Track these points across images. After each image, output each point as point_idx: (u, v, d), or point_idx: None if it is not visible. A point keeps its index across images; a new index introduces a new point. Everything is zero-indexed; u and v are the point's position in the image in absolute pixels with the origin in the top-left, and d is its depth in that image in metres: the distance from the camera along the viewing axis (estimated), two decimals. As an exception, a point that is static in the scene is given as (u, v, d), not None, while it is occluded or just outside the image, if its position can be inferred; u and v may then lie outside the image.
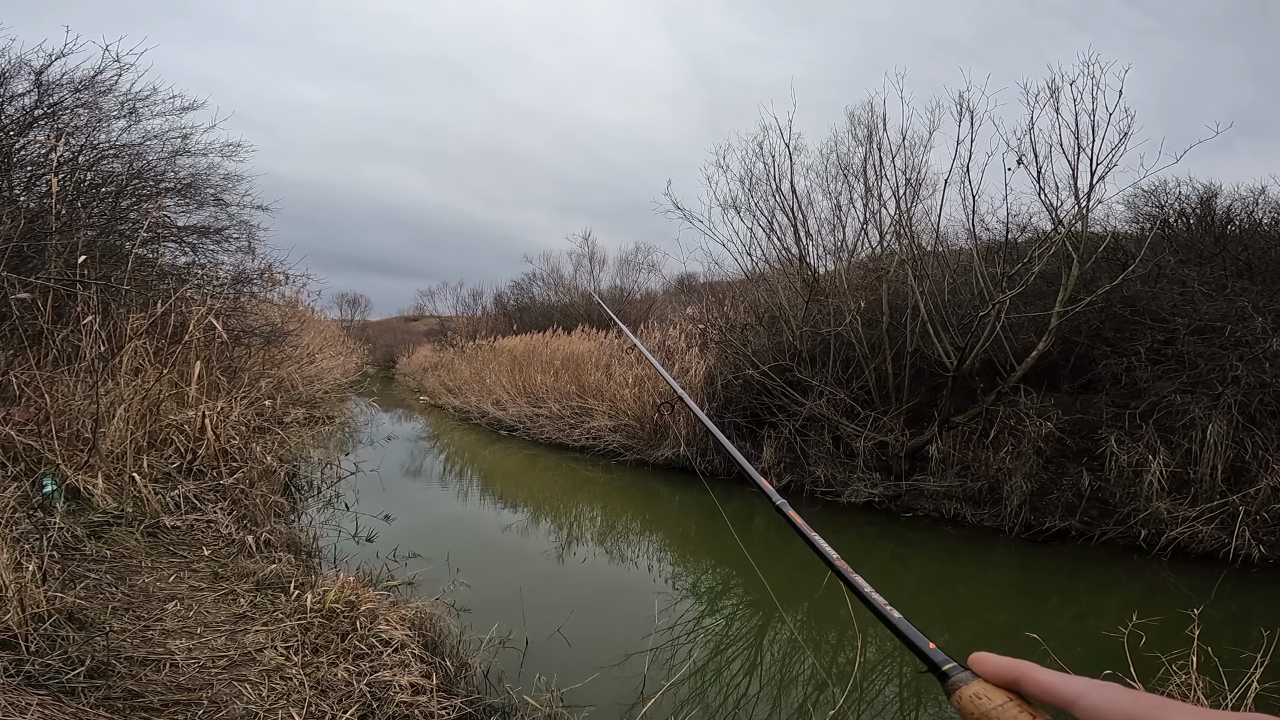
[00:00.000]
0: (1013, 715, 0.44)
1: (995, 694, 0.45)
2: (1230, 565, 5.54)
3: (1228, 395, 6.00)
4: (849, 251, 8.96)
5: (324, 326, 15.07)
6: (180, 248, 7.43)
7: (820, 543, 0.83)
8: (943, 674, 0.52)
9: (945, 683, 0.50)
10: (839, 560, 0.78)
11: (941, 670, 0.52)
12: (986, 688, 0.46)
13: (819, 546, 0.82)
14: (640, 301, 19.84)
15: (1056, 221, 6.79)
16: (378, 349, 26.76)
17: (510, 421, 12.72)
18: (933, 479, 7.37)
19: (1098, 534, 6.32)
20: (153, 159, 7.11)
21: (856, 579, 0.73)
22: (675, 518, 8.06)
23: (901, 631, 0.62)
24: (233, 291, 7.63)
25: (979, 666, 0.47)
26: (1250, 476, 5.85)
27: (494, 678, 3.12)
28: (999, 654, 0.48)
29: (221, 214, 7.82)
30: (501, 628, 3.47)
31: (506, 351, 15.09)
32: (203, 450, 4.70)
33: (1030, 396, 7.10)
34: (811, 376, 8.28)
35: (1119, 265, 6.89)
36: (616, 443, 10.32)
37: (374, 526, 5.85)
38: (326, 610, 2.73)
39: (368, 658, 2.46)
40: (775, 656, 4.24)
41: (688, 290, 15.32)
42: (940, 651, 0.55)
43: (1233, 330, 6.16)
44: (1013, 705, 0.44)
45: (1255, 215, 7.40)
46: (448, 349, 19.84)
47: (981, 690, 0.46)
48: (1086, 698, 0.38)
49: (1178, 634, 2.74)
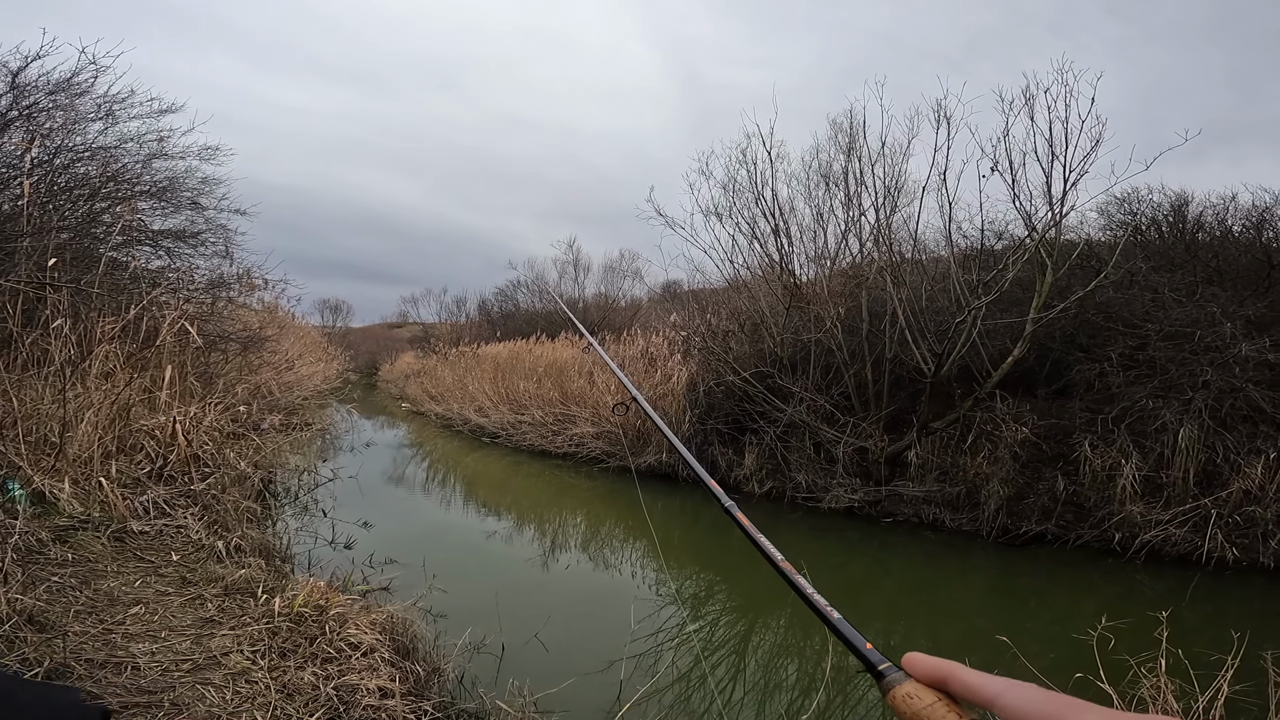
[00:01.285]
0: (941, 714, 0.44)
1: (925, 694, 0.46)
2: (1204, 568, 5.63)
3: (1198, 400, 6.11)
4: (829, 259, 9.05)
5: (304, 332, 14.90)
6: (155, 251, 7.33)
7: (766, 544, 0.85)
8: (878, 673, 0.53)
9: (881, 682, 0.51)
10: (783, 562, 0.80)
11: (877, 670, 0.53)
12: (918, 687, 0.47)
13: (764, 548, 0.85)
14: (625, 309, 19.87)
15: (1031, 228, 6.90)
16: (360, 356, 26.50)
17: (493, 428, 12.65)
18: (912, 484, 7.43)
19: (1073, 537, 6.40)
20: (128, 161, 7.03)
21: (799, 580, 0.75)
22: (658, 524, 8.04)
23: (840, 631, 0.63)
24: (209, 296, 7.53)
25: (911, 666, 0.48)
26: (1221, 480, 5.96)
27: (468, 682, 3.08)
28: (936, 655, 0.48)
29: (198, 217, 7.73)
30: (476, 633, 3.43)
31: (490, 358, 15.03)
32: (174, 456, 4.62)
33: (1006, 402, 7.20)
34: (792, 383, 8.32)
35: (1092, 272, 7.02)
36: (599, 449, 10.29)
37: (352, 533, 5.77)
38: (295, 614, 2.69)
39: (335, 661, 2.42)
40: (760, 662, 4.24)
41: (672, 297, 15.36)
42: (876, 652, 0.56)
43: (1203, 336, 6.29)
44: (941, 705, 0.45)
45: (1226, 223, 7.57)
46: (431, 356, 19.72)
47: (913, 690, 0.47)
48: (1004, 697, 0.40)
49: (1150, 636, 2.77)
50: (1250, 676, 2.59)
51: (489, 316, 23.66)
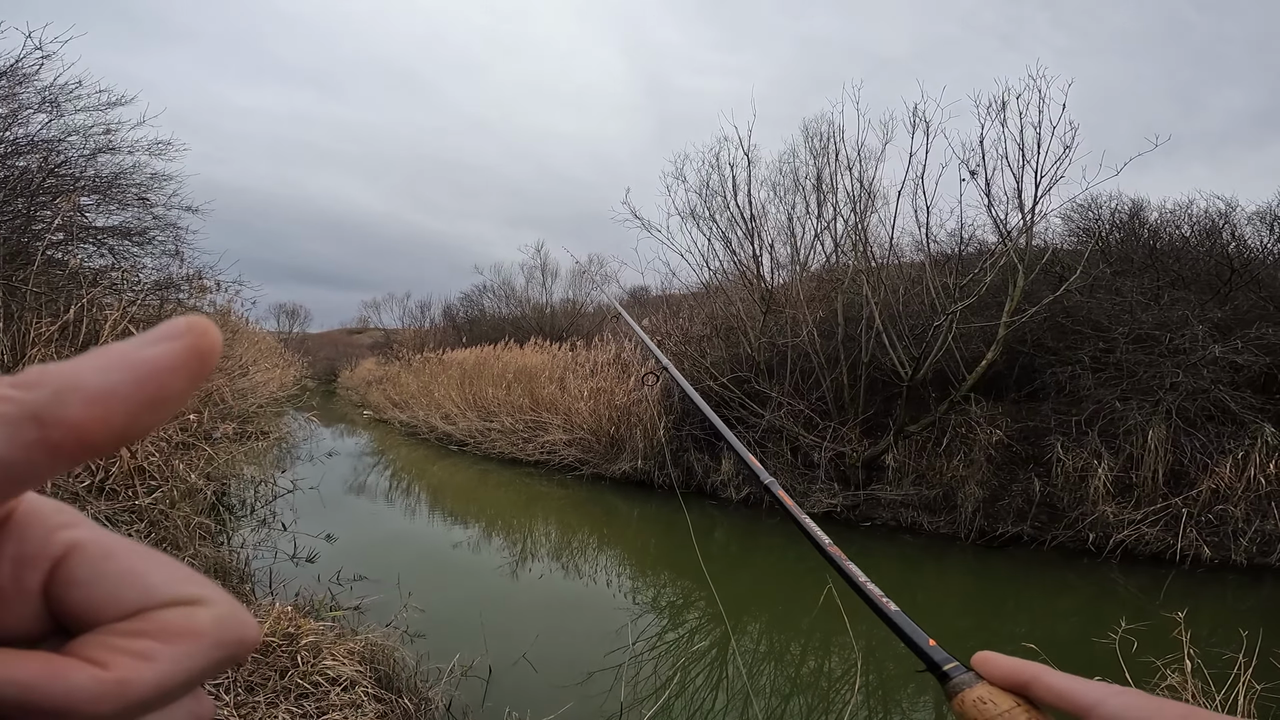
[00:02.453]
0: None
1: (1002, 698, 0.41)
2: (1179, 566, 5.73)
3: (1167, 401, 6.25)
4: (801, 264, 9.04)
5: (259, 338, 14.26)
6: (98, 249, 6.84)
7: (811, 525, 0.75)
8: (943, 674, 0.47)
9: (946, 684, 0.46)
10: (831, 546, 0.71)
11: (942, 670, 0.47)
12: (993, 691, 0.42)
13: (810, 530, 0.75)
14: (593, 315, 19.65)
15: (1005, 235, 6.99)
16: (318, 362, 25.60)
17: (460, 436, 12.29)
18: (889, 488, 7.42)
19: (1049, 538, 6.46)
20: (72, 155, 6.56)
21: (850, 567, 0.67)
22: (634, 532, 7.86)
23: (899, 626, 0.57)
24: (156, 298, 7.06)
25: (983, 667, 0.43)
26: (1190, 479, 6.09)
27: (457, 711, 2.85)
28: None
29: (145, 214, 7.26)
30: (462, 657, 3.20)
31: (456, 364, 14.64)
32: (116, 468, 4.25)
33: (980, 405, 7.26)
34: (770, 388, 8.26)
35: (1057, 277, 7.14)
36: (572, 457, 10.06)
37: (315, 547, 5.44)
38: (261, 644, 2.43)
39: (312, 697, 2.17)
40: (738, 669, 4.12)
41: (641, 303, 15.23)
42: (941, 649, 0.50)
43: (1171, 339, 6.44)
44: (1021, 711, 0.40)
45: (1181, 230, 7.82)
46: (393, 362, 19.16)
47: (987, 694, 0.42)
48: (1105, 705, 0.35)
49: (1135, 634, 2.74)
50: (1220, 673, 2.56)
51: (454, 322, 23.12)
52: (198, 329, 0.19)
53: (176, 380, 0.19)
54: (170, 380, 0.18)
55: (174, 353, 0.19)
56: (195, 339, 0.19)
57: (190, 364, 0.19)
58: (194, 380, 0.19)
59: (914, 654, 0.53)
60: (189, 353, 0.19)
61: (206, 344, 0.19)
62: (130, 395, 0.18)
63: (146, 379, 0.18)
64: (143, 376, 0.18)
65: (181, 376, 0.19)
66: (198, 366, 0.19)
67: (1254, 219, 7.70)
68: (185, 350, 0.19)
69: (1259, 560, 5.64)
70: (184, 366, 0.19)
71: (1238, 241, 7.69)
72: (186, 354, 0.19)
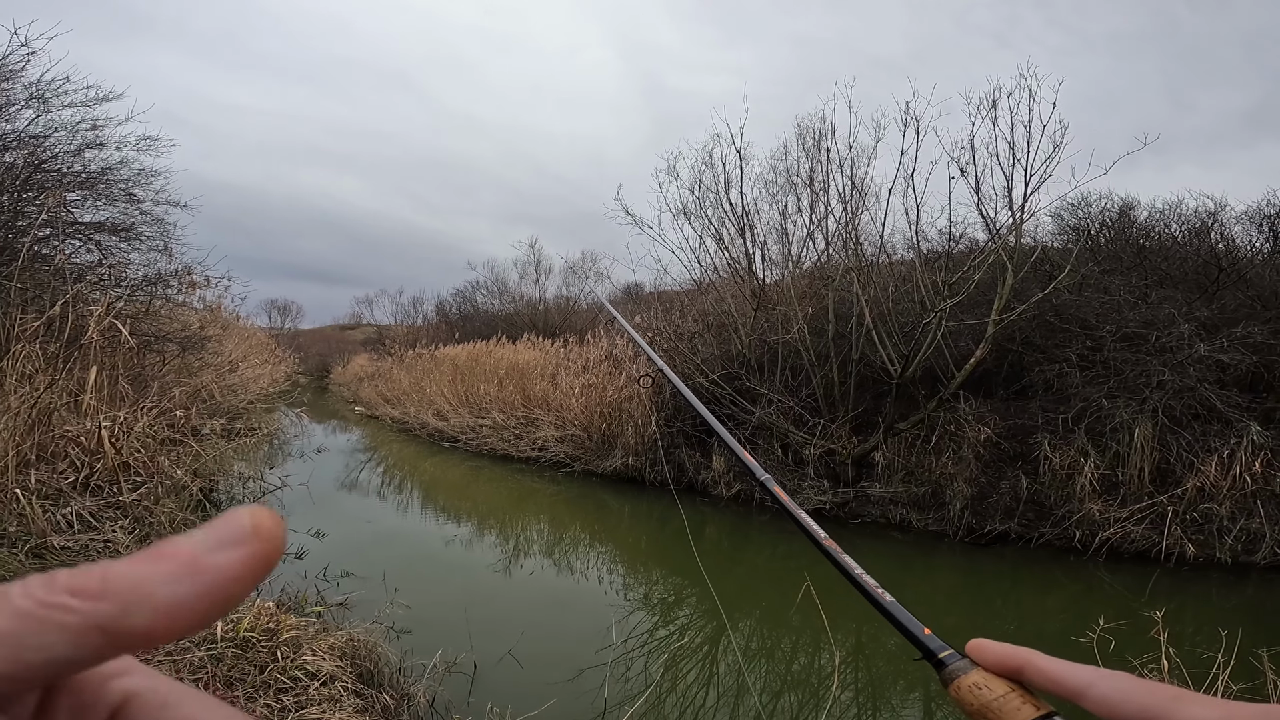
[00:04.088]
0: (1015, 706, 0.40)
1: (996, 684, 0.42)
2: (1165, 564, 5.77)
3: (1153, 399, 6.29)
4: (793, 261, 9.05)
5: (249, 334, 14.18)
6: (84, 245, 6.77)
7: (806, 519, 0.78)
8: (939, 662, 0.48)
9: (942, 671, 0.47)
10: (827, 539, 0.74)
11: (938, 658, 0.48)
12: (987, 677, 0.43)
13: (806, 525, 0.78)
14: (586, 311, 19.63)
15: (994, 232, 7.02)
16: (310, 358, 25.48)
17: (452, 432, 12.26)
18: (879, 485, 7.45)
19: (1036, 536, 6.50)
20: (59, 150, 6.50)
21: (846, 559, 0.69)
22: (626, 529, 7.87)
23: (895, 616, 0.58)
24: (144, 294, 6.99)
25: (978, 654, 0.44)
26: (1176, 477, 6.13)
27: (440, 707, 2.85)
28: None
29: (133, 210, 7.19)
30: (446, 652, 3.19)
31: (448, 360, 14.60)
32: (101, 464, 4.22)
33: (969, 402, 7.29)
34: (760, 385, 8.27)
35: (1046, 275, 7.17)
36: (563, 453, 10.05)
37: (303, 543, 5.43)
38: (241, 639, 2.42)
39: (291, 692, 2.17)
40: (729, 665, 4.13)
41: (634, 300, 15.22)
42: (936, 638, 0.51)
43: (1158, 337, 6.48)
44: (1015, 696, 0.41)
45: (1170, 228, 7.87)
46: (386, 358, 19.08)
47: (981, 679, 0.43)
48: (1096, 687, 0.36)
49: (1120, 633, 2.75)
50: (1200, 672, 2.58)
51: (447, 318, 23.04)
52: (263, 533, 0.20)
53: (242, 588, 0.19)
54: (236, 589, 0.19)
55: (241, 561, 0.19)
56: (261, 545, 0.20)
57: (256, 571, 0.19)
58: (257, 582, 0.20)
59: (910, 643, 0.54)
60: (255, 560, 0.19)
61: (271, 549, 0.20)
62: (197, 606, 0.18)
63: (214, 588, 0.19)
64: (210, 587, 0.19)
65: (247, 584, 0.19)
66: (263, 572, 0.20)
67: (1243, 218, 7.76)
68: (252, 559, 0.19)
69: (1244, 559, 5.69)
70: (250, 575, 0.19)
71: (1226, 241, 7.75)
72: (253, 562, 0.19)
